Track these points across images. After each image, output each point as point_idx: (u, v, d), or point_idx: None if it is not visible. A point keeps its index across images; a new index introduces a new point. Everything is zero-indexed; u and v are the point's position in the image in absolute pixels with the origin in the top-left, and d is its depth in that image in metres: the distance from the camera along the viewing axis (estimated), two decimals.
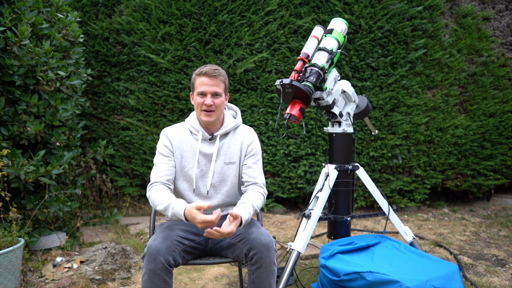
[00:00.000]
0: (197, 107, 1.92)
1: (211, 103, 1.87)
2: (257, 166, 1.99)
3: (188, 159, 1.94)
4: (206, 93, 1.88)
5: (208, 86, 1.88)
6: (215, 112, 1.90)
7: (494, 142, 4.65)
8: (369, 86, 4.27)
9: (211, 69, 1.88)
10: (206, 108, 1.88)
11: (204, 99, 1.88)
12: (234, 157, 1.97)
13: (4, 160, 2.64)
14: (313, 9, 4.21)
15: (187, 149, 1.95)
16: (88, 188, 4.37)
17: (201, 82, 1.89)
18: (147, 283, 1.67)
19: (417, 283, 2.01)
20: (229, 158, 1.97)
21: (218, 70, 1.90)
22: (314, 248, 3.19)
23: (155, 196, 1.80)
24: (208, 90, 1.87)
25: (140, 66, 4.33)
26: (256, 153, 2.00)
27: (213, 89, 1.88)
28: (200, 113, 1.91)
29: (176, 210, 1.70)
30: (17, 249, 2.40)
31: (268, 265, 1.73)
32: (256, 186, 1.95)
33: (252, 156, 1.99)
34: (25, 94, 2.87)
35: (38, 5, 3.00)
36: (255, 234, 1.76)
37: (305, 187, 4.34)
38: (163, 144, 1.95)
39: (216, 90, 1.88)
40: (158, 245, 1.68)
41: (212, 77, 1.88)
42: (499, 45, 4.66)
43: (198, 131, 1.96)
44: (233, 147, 1.98)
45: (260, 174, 1.99)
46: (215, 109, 1.89)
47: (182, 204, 1.71)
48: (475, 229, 3.88)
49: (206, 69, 1.88)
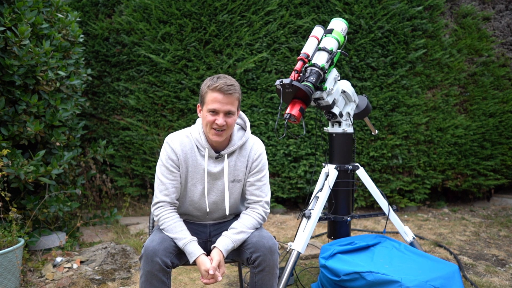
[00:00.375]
0: (206, 125, 1.74)
1: (224, 123, 1.71)
2: (261, 183, 1.87)
3: (192, 175, 1.83)
4: (219, 112, 1.70)
5: (221, 104, 1.69)
6: (226, 131, 1.75)
7: (494, 142, 4.65)
8: (369, 86, 4.27)
9: (226, 85, 1.69)
10: (217, 127, 1.72)
11: (216, 118, 1.71)
12: (240, 175, 1.87)
13: (4, 160, 2.64)
14: (313, 9, 4.21)
15: (192, 163, 1.82)
16: (88, 188, 4.37)
17: (214, 98, 1.69)
18: (145, 284, 1.67)
19: (417, 283, 2.00)
20: (234, 176, 1.86)
21: (234, 86, 1.71)
22: (314, 248, 3.19)
23: (168, 224, 1.77)
24: (222, 108, 1.70)
25: (140, 66, 4.33)
26: (261, 169, 1.87)
27: (227, 108, 1.70)
28: (209, 131, 1.75)
29: (188, 251, 1.71)
30: (17, 249, 2.40)
31: (271, 268, 1.72)
32: (257, 205, 1.86)
33: (257, 173, 1.86)
34: (25, 94, 2.87)
35: (38, 5, 3.00)
36: (257, 237, 1.75)
37: (305, 187, 4.34)
38: (168, 157, 1.80)
39: (230, 109, 1.71)
40: (155, 246, 1.67)
41: (227, 95, 1.69)
42: (499, 45, 4.66)
43: (204, 148, 1.81)
44: (239, 164, 1.86)
45: (264, 191, 1.87)
46: (226, 128, 1.74)
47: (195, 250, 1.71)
48: (475, 229, 3.88)
49: (221, 85, 1.69)
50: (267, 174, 1.90)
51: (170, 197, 1.81)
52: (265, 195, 1.87)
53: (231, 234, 1.76)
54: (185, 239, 1.73)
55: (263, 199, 1.86)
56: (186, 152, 1.82)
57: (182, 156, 1.81)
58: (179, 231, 1.75)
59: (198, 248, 1.72)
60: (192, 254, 1.70)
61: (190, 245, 1.72)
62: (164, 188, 1.81)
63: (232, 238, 1.75)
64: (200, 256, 1.70)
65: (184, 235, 1.74)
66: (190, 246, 1.72)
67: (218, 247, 1.72)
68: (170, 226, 1.76)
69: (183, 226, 1.78)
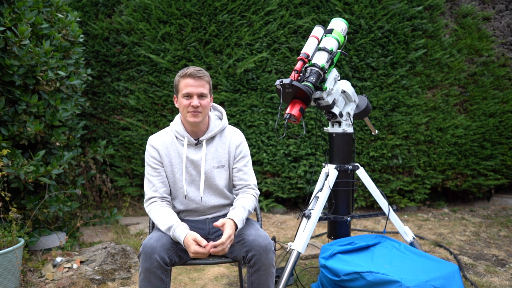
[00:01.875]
0: (183, 109, 1.88)
1: (198, 104, 1.84)
2: (247, 168, 1.99)
3: (177, 165, 1.92)
4: (192, 95, 1.85)
5: (193, 87, 1.85)
6: (202, 113, 1.88)
7: (494, 142, 4.65)
8: (369, 86, 4.27)
9: (195, 70, 1.86)
10: (193, 110, 1.86)
11: (191, 101, 1.85)
12: (222, 160, 1.96)
13: (4, 160, 2.64)
14: (313, 9, 4.21)
15: (174, 155, 1.93)
16: (88, 188, 4.37)
17: (186, 83, 1.86)
18: (144, 281, 1.68)
19: (417, 283, 2.01)
20: (218, 162, 1.95)
21: (202, 71, 1.88)
22: (314, 248, 3.19)
23: (157, 217, 1.82)
24: (194, 91, 1.85)
25: (140, 66, 4.33)
26: (245, 154, 2.00)
27: (199, 90, 1.85)
28: (186, 114, 1.88)
29: (177, 234, 1.74)
30: (17, 249, 2.40)
31: (266, 267, 1.73)
32: (247, 189, 1.97)
33: (242, 159, 1.99)
34: (25, 94, 2.87)
35: (38, 5, 3.00)
36: (253, 235, 1.76)
37: (305, 187, 4.34)
38: (150, 156, 1.92)
39: (202, 91, 1.86)
40: (153, 244, 1.69)
41: (197, 78, 1.85)
42: (499, 45, 4.66)
43: (183, 137, 1.93)
44: (220, 150, 1.97)
45: (251, 175, 2.00)
46: (201, 110, 1.87)
47: (183, 231, 1.73)
48: (475, 229, 3.88)
49: (190, 71, 1.86)
50: (250, 159, 2.05)
51: (158, 192, 1.89)
52: (252, 179, 2.00)
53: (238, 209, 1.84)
54: (174, 225, 1.76)
55: (251, 182, 1.98)
56: (167, 146, 1.93)
57: (163, 150, 1.92)
58: (168, 221, 1.78)
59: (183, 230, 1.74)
60: (178, 238, 1.73)
61: (178, 229, 1.75)
62: (152, 185, 1.90)
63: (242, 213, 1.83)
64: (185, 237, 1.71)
65: (172, 222, 1.78)
66: (177, 232, 1.74)
67: (234, 219, 1.77)
68: (160, 217, 1.81)
69: (173, 215, 1.82)
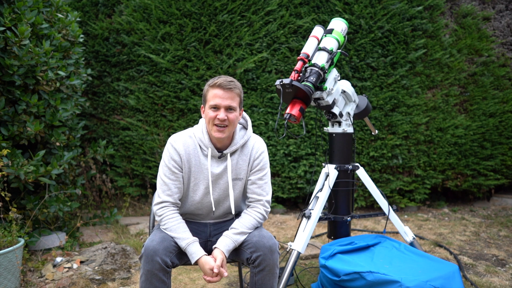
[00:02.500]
0: (209, 122, 1.77)
1: (225, 117, 1.73)
2: (263, 181, 1.88)
3: (195, 174, 1.85)
4: (220, 107, 1.74)
5: (222, 99, 1.73)
6: (228, 127, 1.76)
7: (494, 142, 4.65)
8: (369, 86, 4.27)
9: (226, 80, 1.75)
10: (219, 123, 1.74)
11: (217, 113, 1.74)
12: (241, 173, 1.88)
13: (4, 160, 2.64)
14: (313, 9, 4.21)
15: (195, 163, 1.84)
16: (88, 188, 4.37)
17: (215, 94, 1.74)
18: (145, 283, 1.67)
19: (417, 283, 2.01)
20: (236, 175, 1.88)
21: (234, 83, 1.76)
22: (314, 248, 3.19)
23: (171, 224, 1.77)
24: (222, 103, 1.73)
25: (140, 66, 4.33)
26: (263, 167, 1.89)
27: (227, 103, 1.74)
28: (211, 128, 1.77)
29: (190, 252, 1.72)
30: (17, 249, 2.40)
31: (271, 268, 1.73)
32: (258, 204, 1.87)
33: (258, 171, 1.88)
34: (25, 94, 2.87)
35: (38, 5, 3.00)
36: (257, 236, 1.76)
37: (305, 187, 4.34)
38: (171, 158, 1.82)
39: (230, 104, 1.74)
40: (155, 246, 1.67)
41: (227, 90, 1.74)
42: (499, 45, 4.66)
43: (207, 147, 1.83)
44: (241, 163, 1.88)
45: (265, 189, 1.89)
46: (228, 124, 1.75)
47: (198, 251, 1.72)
48: (475, 229, 3.88)
49: (221, 81, 1.74)
50: (268, 172, 1.92)
51: (173, 197, 1.82)
52: (266, 194, 1.89)
53: (231, 234, 1.78)
54: (188, 239, 1.74)
55: (264, 198, 1.88)
56: (189, 152, 1.83)
57: (185, 156, 1.82)
58: (181, 232, 1.76)
59: (200, 249, 1.73)
60: (194, 254, 1.72)
61: (192, 246, 1.73)
62: (167, 188, 1.82)
63: (233, 238, 1.77)
64: (203, 256, 1.71)
65: (187, 235, 1.75)
66: (193, 247, 1.73)
67: (219, 247, 1.74)
68: (174, 227, 1.77)
69: (186, 227, 1.79)
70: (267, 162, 1.92)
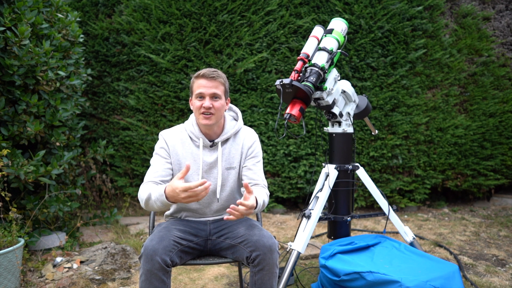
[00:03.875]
0: (196, 111, 1.85)
1: (210, 105, 1.81)
2: (257, 168, 1.94)
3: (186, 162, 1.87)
4: (205, 95, 1.82)
5: (206, 88, 1.82)
6: (215, 115, 1.83)
7: (494, 142, 4.65)
8: (369, 86, 4.27)
9: (210, 70, 1.83)
10: (205, 111, 1.82)
11: (203, 102, 1.82)
12: (234, 162, 1.93)
13: (4, 160, 2.64)
14: (313, 9, 4.21)
15: (187, 155, 1.88)
16: (88, 188, 4.37)
17: (199, 84, 1.83)
18: (145, 283, 1.67)
19: (417, 283, 2.00)
20: (229, 164, 1.92)
21: (217, 72, 1.85)
22: (314, 248, 3.19)
23: (141, 191, 1.75)
24: (207, 92, 1.81)
25: (140, 66, 4.33)
26: (256, 155, 1.96)
27: (212, 91, 1.82)
28: (199, 116, 1.84)
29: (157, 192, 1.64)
30: (17, 249, 2.40)
31: (270, 268, 1.73)
32: (258, 187, 1.90)
33: (252, 158, 1.94)
34: (25, 94, 2.87)
35: (38, 5, 3.00)
36: (257, 236, 1.76)
37: (305, 187, 4.34)
38: (160, 146, 1.89)
39: (215, 92, 1.82)
40: (154, 245, 1.67)
41: (210, 79, 1.82)
42: (499, 45, 4.66)
43: (198, 138, 1.89)
44: (234, 152, 1.93)
45: (261, 175, 1.95)
46: (214, 112, 1.83)
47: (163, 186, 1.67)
48: (475, 229, 3.88)
49: (204, 71, 1.83)
50: (261, 161, 1.99)
51: (156, 178, 1.81)
52: (262, 180, 1.94)
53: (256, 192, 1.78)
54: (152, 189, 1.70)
55: (261, 182, 1.93)
56: (178, 143, 1.89)
57: (173, 147, 1.88)
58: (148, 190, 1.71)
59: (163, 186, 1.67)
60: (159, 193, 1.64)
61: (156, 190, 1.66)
62: (154, 171, 1.83)
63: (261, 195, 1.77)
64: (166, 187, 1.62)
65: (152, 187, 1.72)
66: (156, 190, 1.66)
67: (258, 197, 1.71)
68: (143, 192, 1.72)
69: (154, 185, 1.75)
70: (260, 151, 1.99)
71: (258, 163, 1.96)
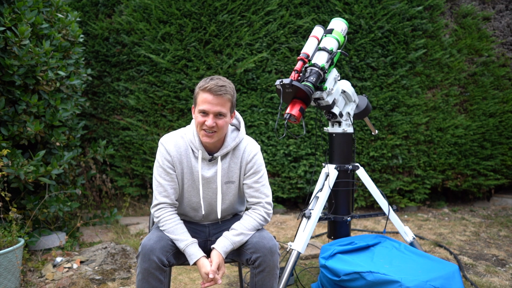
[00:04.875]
0: (198, 125, 1.73)
1: (213, 124, 1.68)
2: (259, 184, 1.84)
3: (187, 176, 1.83)
4: (209, 113, 1.69)
5: (211, 105, 1.67)
6: (217, 133, 1.72)
7: (494, 142, 4.65)
8: (369, 86, 4.27)
9: (217, 85, 1.67)
10: (207, 129, 1.70)
11: (205, 119, 1.69)
12: (234, 176, 1.85)
13: (4, 160, 2.64)
14: (313, 9, 4.21)
15: (186, 166, 1.82)
16: (88, 188, 4.37)
17: (204, 99, 1.68)
18: (142, 282, 1.67)
19: (417, 283, 2.00)
20: (228, 178, 1.84)
21: (225, 87, 1.69)
22: (314, 248, 3.19)
23: (169, 226, 1.76)
24: (211, 109, 1.68)
25: (140, 66, 4.33)
26: (257, 170, 1.84)
27: (217, 109, 1.68)
28: (200, 132, 1.74)
29: (189, 253, 1.71)
30: (17, 249, 2.40)
31: (271, 269, 1.72)
32: (258, 206, 1.83)
33: (253, 175, 1.84)
34: (25, 94, 2.87)
35: (38, 5, 3.00)
36: (257, 237, 1.75)
37: (305, 187, 4.34)
38: (164, 158, 1.80)
39: (220, 111, 1.69)
40: (152, 245, 1.67)
41: (217, 96, 1.67)
42: (499, 45, 4.66)
43: (197, 149, 1.80)
44: (233, 166, 1.84)
45: (263, 192, 1.84)
46: (217, 130, 1.71)
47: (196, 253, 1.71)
48: (475, 229, 3.88)
49: (211, 85, 1.67)
50: (265, 174, 1.87)
51: (169, 198, 1.81)
52: (265, 196, 1.85)
53: (230, 235, 1.75)
54: (186, 241, 1.73)
55: (263, 200, 1.84)
56: (181, 153, 1.81)
57: (176, 157, 1.80)
58: (180, 233, 1.75)
59: (198, 250, 1.72)
60: (193, 256, 1.71)
61: (191, 247, 1.72)
62: (163, 189, 1.80)
63: (232, 239, 1.74)
64: (201, 258, 1.70)
65: (186, 237, 1.74)
66: (191, 248, 1.72)
67: (217, 248, 1.72)
68: (172, 228, 1.76)
69: (184, 228, 1.78)
70: (262, 163, 1.87)
71: (260, 178, 1.85)
